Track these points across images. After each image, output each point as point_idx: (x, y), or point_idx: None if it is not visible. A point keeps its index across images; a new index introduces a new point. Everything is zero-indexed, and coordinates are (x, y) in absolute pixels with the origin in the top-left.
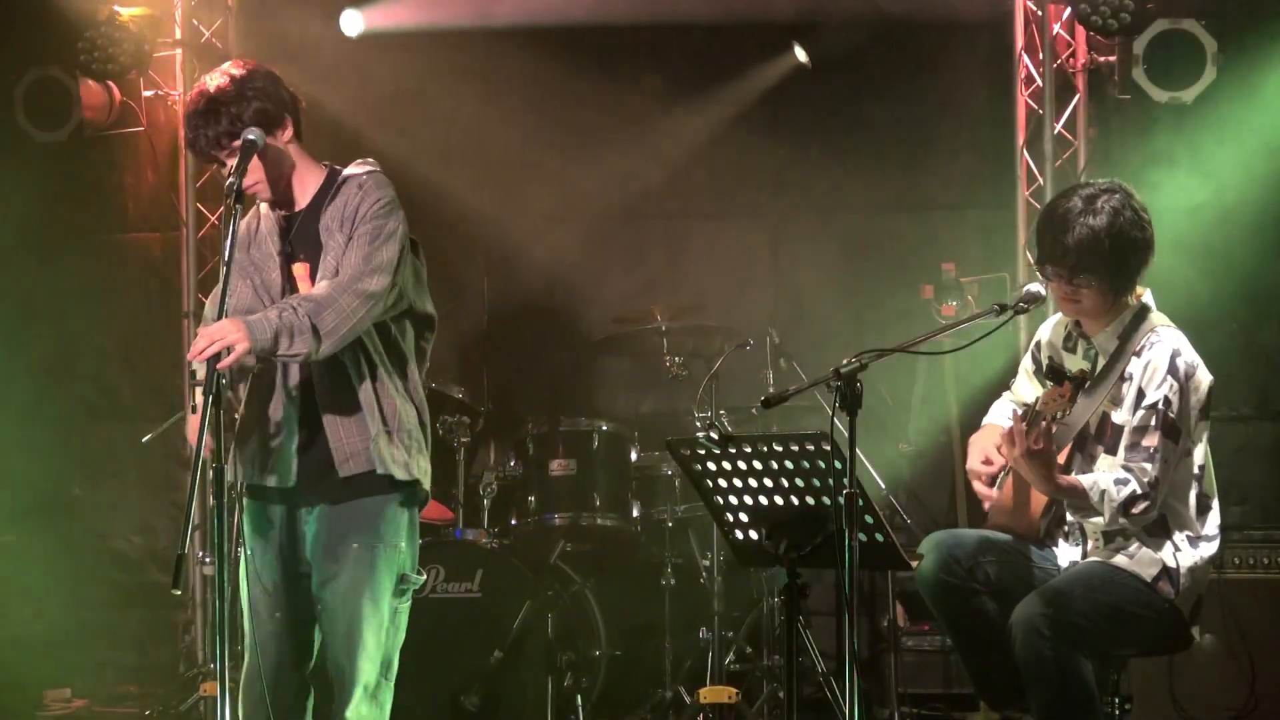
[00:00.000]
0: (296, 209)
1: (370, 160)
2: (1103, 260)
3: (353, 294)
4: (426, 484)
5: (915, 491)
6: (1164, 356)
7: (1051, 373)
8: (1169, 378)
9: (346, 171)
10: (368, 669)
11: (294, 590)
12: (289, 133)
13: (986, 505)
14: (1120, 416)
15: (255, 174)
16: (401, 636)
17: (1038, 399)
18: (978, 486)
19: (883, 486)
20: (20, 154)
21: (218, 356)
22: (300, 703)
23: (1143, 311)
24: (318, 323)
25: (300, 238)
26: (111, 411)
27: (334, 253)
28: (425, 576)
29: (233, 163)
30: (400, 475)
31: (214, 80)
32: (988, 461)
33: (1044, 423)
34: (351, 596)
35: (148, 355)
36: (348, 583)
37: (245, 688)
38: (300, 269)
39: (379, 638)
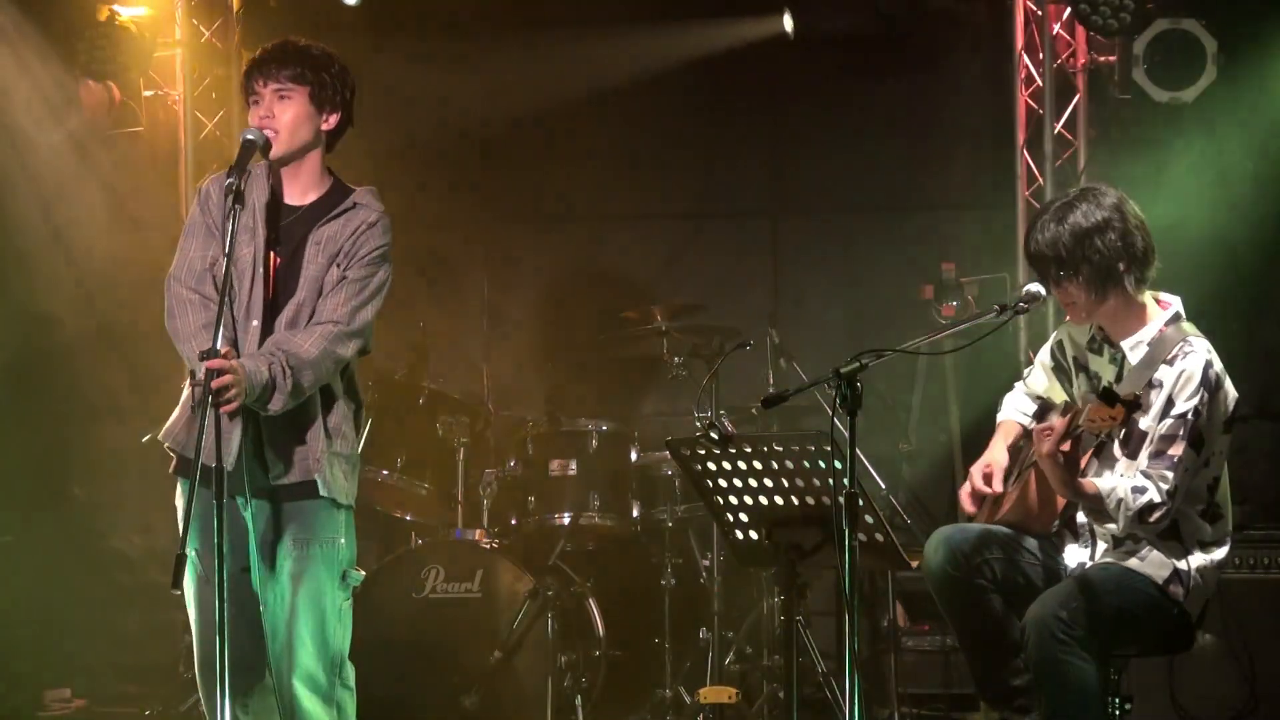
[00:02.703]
0: (290, 200)
1: (375, 191)
2: (1068, 255)
3: (331, 359)
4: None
5: (915, 491)
6: (1198, 367)
7: (1106, 395)
8: (1201, 389)
9: (358, 198)
10: (309, 664)
11: (242, 584)
12: (330, 123)
13: (966, 512)
14: (1146, 422)
15: (286, 114)
16: (348, 634)
17: (1079, 411)
18: (963, 494)
19: (883, 486)
20: (20, 153)
21: (220, 383)
22: (250, 695)
23: (1173, 319)
24: (299, 381)
25: (287, 232)
26: (111, 411)
27: (317, 272)
28: (364, 574)
29: (258, 111)
30: (341, 500)
31: (306, 43)
32: (988, 477)
33: (1080, 433)
34: (288, 593)
35: (148, 355)
36: (285, 579)
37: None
38: (273, 260)
39: (319, 634)
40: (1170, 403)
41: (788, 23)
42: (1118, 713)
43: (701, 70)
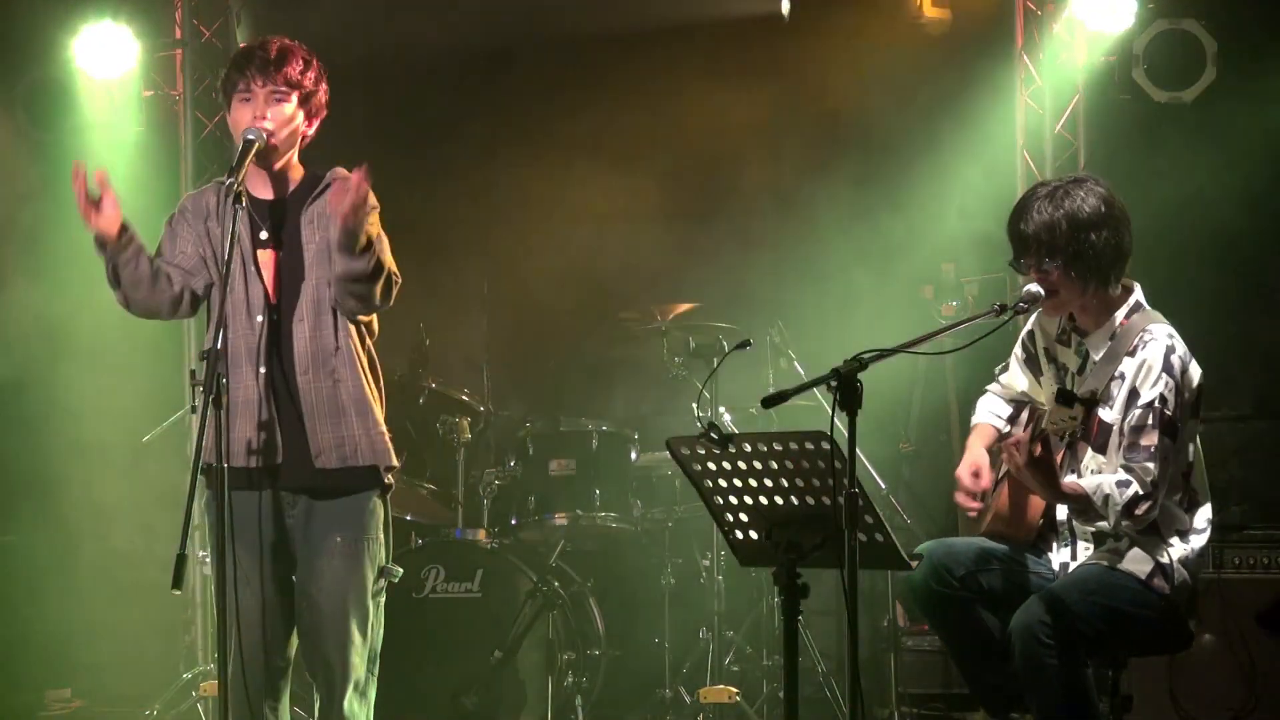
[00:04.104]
0: (273, 197)
1: (344, 169)
2: (1062, 242)
3: (385, 273)
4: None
5: (915, 491)
6: (1158, 355)
7: (1062, 396)
8: (1164, 375)
9: (333, 175)
10: (358, 664)
11: (282, 588)
12: (310, 130)
13: (970, 514)
14: (1109, 415)
15: (280, 116)
16: (382, 630)
17: (1042, 415)
18: (960, 497)
19: (883, 486)
20: (20, 153)
21: (221, 384)
22: (280, 697)
23: (1134, 309)
24: (382, 259)
25: (275, 227)
26: (111, 411)
27: (319, 247)
28: (402, 569)
29: (251, 109)
30: (385, 467)
31: (295, 46)
32: (976, 474)
33: (1045, 435)
34: (337, 592)
35: (148, 355)
36: (333, 578)
37: (233, 685)
38: (266, 256)
39: (364, 632)
40: (1135, 394)
41: (784, 4)
42: (1116, 713)
43: (703, 70)
